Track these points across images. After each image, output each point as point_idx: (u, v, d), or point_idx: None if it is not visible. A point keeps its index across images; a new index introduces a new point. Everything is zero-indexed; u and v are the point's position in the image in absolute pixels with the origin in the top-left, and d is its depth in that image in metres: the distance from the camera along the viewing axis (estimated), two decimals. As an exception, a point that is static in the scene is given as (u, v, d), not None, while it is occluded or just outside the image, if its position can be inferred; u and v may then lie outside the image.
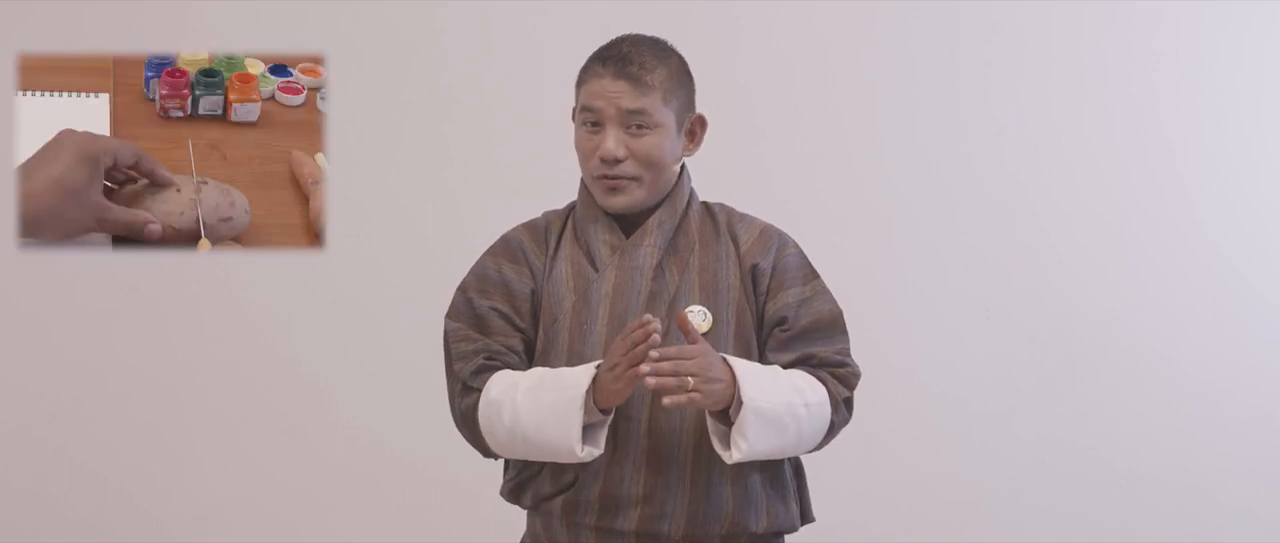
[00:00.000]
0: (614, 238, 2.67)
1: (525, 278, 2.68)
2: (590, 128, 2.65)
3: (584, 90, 2.66)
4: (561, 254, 2.69)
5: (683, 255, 2.67)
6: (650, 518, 2.60)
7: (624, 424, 2.60)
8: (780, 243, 2.70)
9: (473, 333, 2.66)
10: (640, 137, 2.63)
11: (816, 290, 2.68)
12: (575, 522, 2.63)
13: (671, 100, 2.65)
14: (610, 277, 2.65)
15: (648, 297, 2.63)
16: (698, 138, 2.71)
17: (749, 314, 2.66)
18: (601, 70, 2.64)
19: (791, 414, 2.56)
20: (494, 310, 2.66)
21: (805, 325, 2.65)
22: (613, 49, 2.66)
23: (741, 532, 2.63)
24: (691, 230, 2.69)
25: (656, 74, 2.64)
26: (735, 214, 2.74)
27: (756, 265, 2.67)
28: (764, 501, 2.64)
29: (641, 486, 2.60)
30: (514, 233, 2.73)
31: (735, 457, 2.53)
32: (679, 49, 2.68)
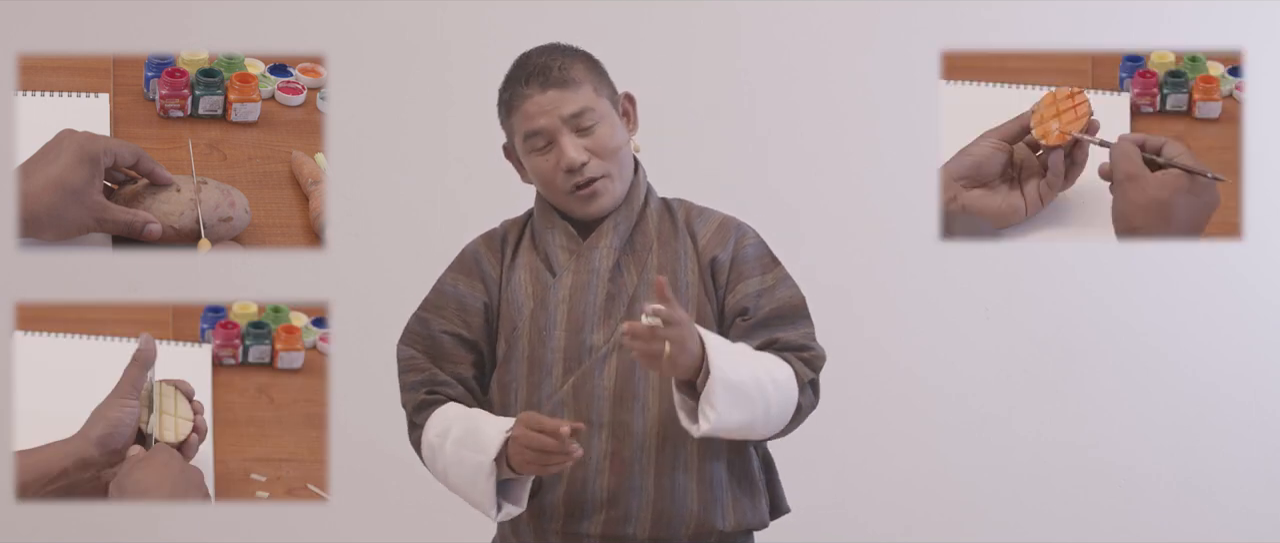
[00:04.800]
0: (571, 242, 2.66)
1: (478, 292, 2.69)
2: (542, 151, 2.64)
3: (518, 118, 2.65)
4: (519, 261, 2.69)
5: (641, 255, 2.66)
6: (616, 521, 2.60)
7: (585, 428, 2.60)
8: (738, 234, 2.70)
9: (421, 360, 2.67)
10: (591, 133, 2.64)
11: (778, 278, 2.68)
12: (541, 527, 2.63)
13: (601, 89, 2.66)
14: (567, 280, 2.64)
15: (605, 298, 2.63)
16: (633, 116, 2.72)
17: (709, 310, 2.66)
18: (528, 90, 2.64)
19: (759, 389, 2.54)
20: (446, 333, 2.68)
21: (767, 314, 2.64)
22: (525, 68, 2.66)
23: (709, 531, 2.63)
24: (649, 229, 2.68)
25: (577, 70, 2.65)
26: (693, 209, 2.73)
27: (715, 259, 2.67)
28: (731, 498, 2.64)
29: (606, 489, 2.60)
30: (471, 245, 2.74)
31: (703, 428, 2.51)
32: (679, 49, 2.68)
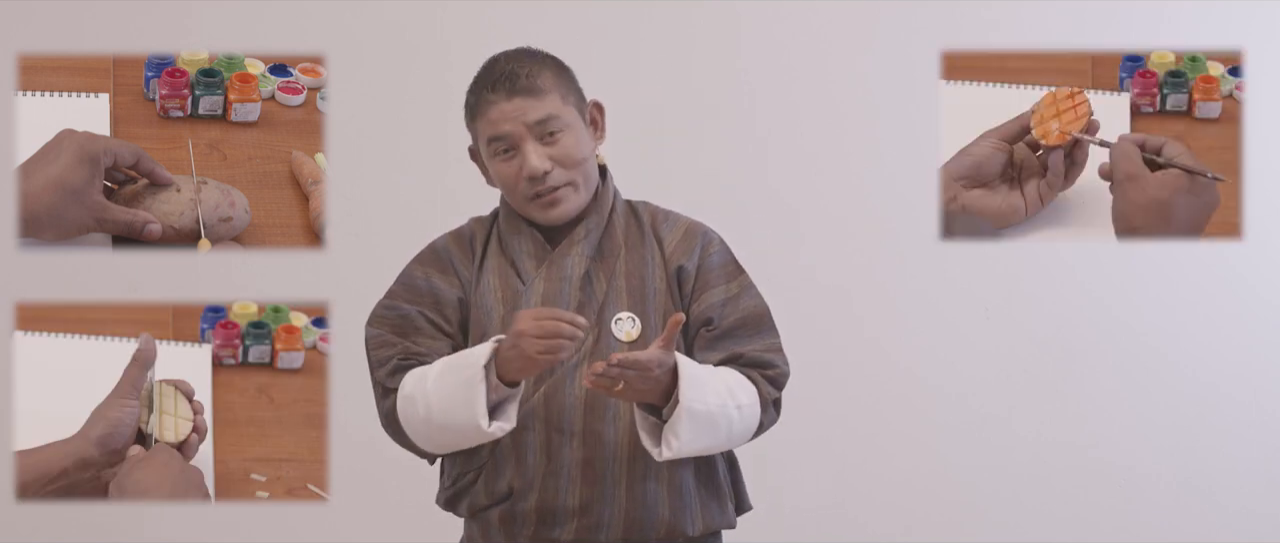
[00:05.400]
0: (539, 250, 2.66)
1: (453, 286, 2.68)
2: (504, 156, 2.63)
3: (483, 123, 2.64)
4: (488, 264, 2.68)
5: (609, 261, 2.66)
6: (587, 529, 2.60)
7: (557, 437, 2.60)
8: (705, 241, 2.69)
9: (391, 337, 2.66)
10: (556, 142, 2.62)
11: (742, 286, 2.68)
12: (513, 533, 2.63)
13: (568, 97, 2.64)
14: (538, 288, 2.64)
15: (576, 307, 2.62)
16: (601, 125, 2.71)
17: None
18: (493, 96, 2.62)
19: (724, 416, 2.56)
20: (420, 314, 2.66)
21: (731, 324, 2.65)
22: (493, 73, 2.64)
23: (678, 536, 2.64)
24: (617, 234, 2.68)
25: (544, 78, 2.62)
26: (659, 213, 2.73)
27: (681, 267, 2.66)
28: (699, 504, 2.65)
29: (578, 497, 2.60)
30: (441, 241, 2.73)
31: (665, 455, 2.54)
32: (679, 49, 2.67)
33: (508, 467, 2.62)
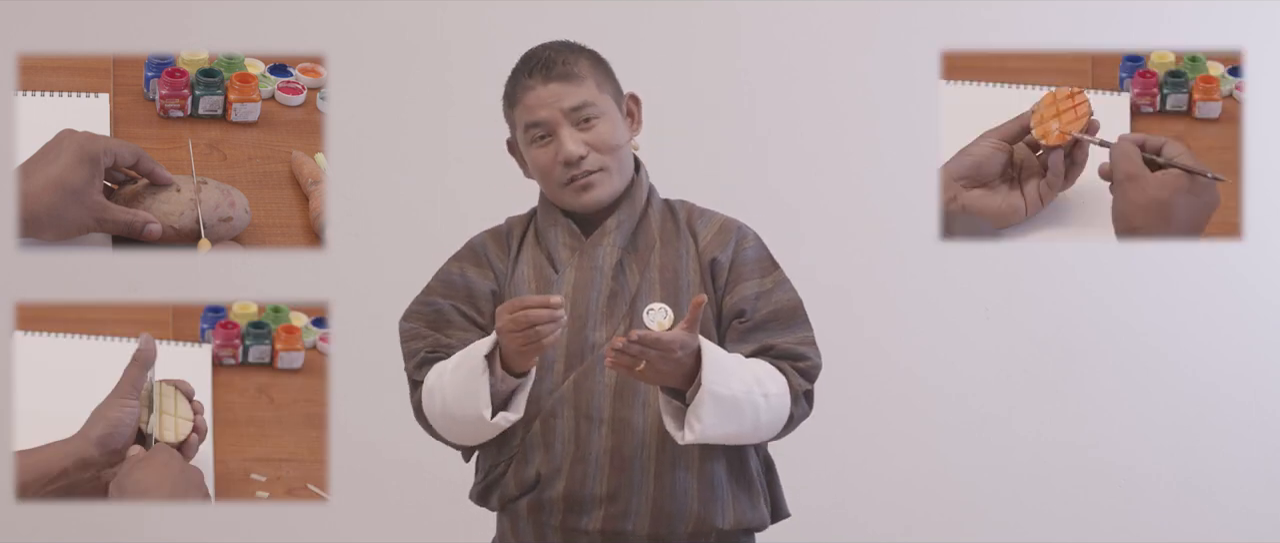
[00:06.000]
0: (573, 239, 2.68)
1: (487, 279, 2.70)
2: (541, 142, 2.66)
3: (521, 109, 2.67)
4: (523, 257, 2.70)
5: (644, 254, 2.67)
6: (615, 517, 2.60)
7: (586, 424, 2.61)
8: (739, 236, 2.71)
9: (423, 329, 2.68)
10: (592, 128, 2.65)
11: (776, 281, 2.69)
12: (541, 522, 2.63)
13: (604, 86, 2.67)
14: (570, 276, 2.65)
15: (608, 296, 2.64)
16: (637, 116, 2.74)
17: (710, 310, 2.66)
18: (531, 82, 2.66)
19: (750, 403, 2.56)
20: (454, 307, 2.68)
21: (764, 317, 2.65)
22: (533, 60, 2.68)
23: (708, 529, 2.63)
24: (652, 229, 2.69)
25: (582, 65, 2.66)
26: (695, 210, 2.75)
27: (715, 260, 2.68)
28: (730, 497, 2.65)
29: (605, 484, 2.60)
30: (478, 238, 2.76)
31: (688, 438, 2.53)
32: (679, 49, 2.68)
33: (536, 454, 2.63)
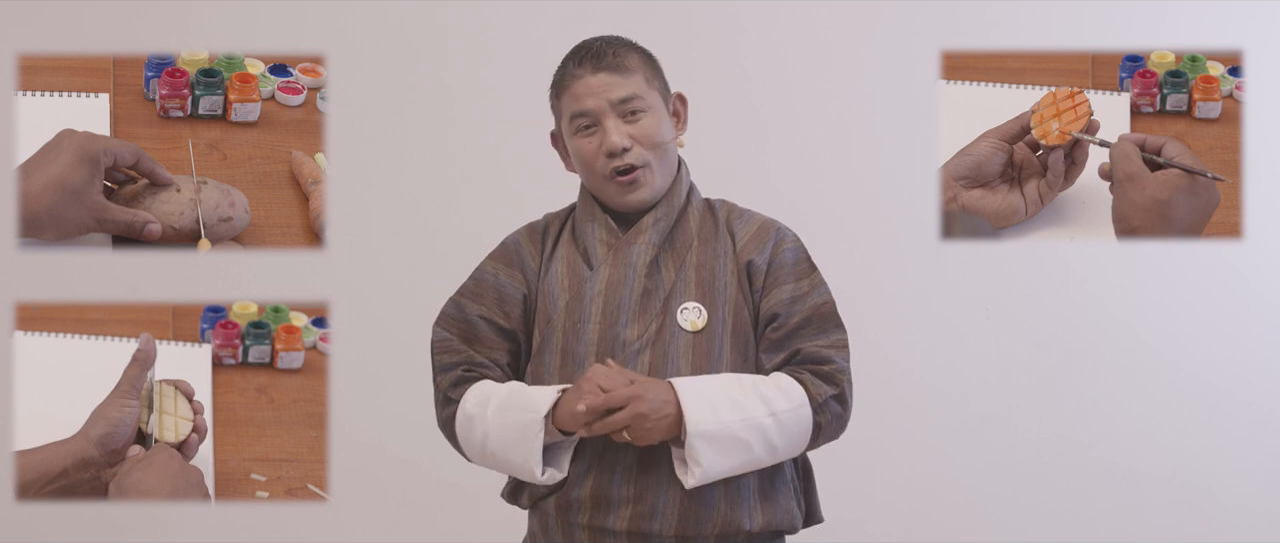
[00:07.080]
0: (610, 236, 2.67)
1: (517, 282, 2.69)
2: (586, 133, 2.65)
3: (567, 98, 2.67)
4: (558, 254, 2.70)
5: (680, 252, 2.66)
6: (641, 517, 2.59)
7: None
8: (778, 238, 2.70)
9: (457, 343, 2.67)
10: (637, 121, 2.65)
11: (813, 284, 2.68)
12: (568, 521, 2.63)
13: (653, 82, 2.67)
14: (604, 273, 2.65)
15: (641, 294, 2.63)
16: (683, 116, 2.74)
17: (746, 312, 2.65)
18: (579, 71, 2.65)
19: (751, 428, 2.54)
20: (483, 319, 2.68)
21: (797, 323, 2.64)
22: (583, 50, 2.68)
23: (736, 530, 2.62)
24: (690, 227, 2.68)
25: (631, 59, 2.66)
26: (735, 210, 2.74)
27: (752, 262, 2.67)
28: (758, 499, 2.63)
29: (632, 485, 2.60)
30: (513, 236, 2.75)
31: (690, 482, 2.53)
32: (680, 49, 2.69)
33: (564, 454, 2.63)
